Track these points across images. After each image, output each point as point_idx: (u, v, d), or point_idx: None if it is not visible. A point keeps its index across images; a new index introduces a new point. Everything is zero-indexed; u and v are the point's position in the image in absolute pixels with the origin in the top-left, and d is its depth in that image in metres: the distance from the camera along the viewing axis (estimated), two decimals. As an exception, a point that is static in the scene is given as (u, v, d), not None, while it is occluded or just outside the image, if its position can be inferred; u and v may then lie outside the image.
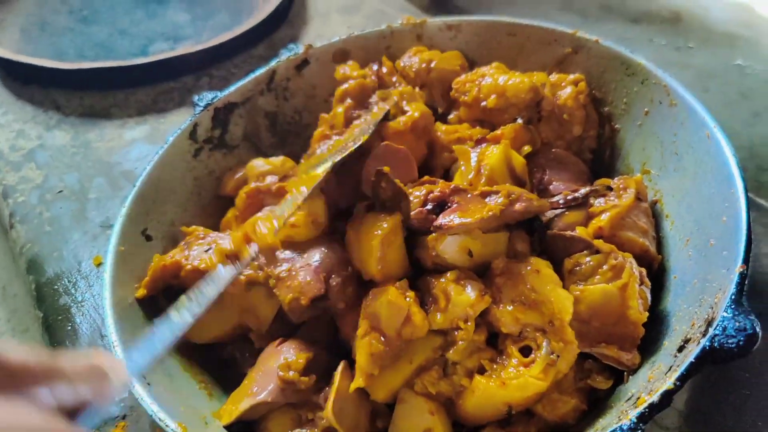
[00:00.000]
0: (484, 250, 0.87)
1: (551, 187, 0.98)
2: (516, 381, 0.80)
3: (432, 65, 1.15)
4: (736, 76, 1.53)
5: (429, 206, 0.87)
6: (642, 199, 0.95)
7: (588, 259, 0.86)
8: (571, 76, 1.08)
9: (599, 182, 0.98)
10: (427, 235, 0.87)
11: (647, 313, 0.84)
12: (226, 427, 0.87)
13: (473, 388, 0.82)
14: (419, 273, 0.90)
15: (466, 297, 0.83)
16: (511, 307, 0.82)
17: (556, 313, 0.81)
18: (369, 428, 0.87)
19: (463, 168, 0.96)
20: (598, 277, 0.84)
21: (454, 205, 0.86)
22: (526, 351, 0.83)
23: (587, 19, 1.82)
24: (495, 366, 0.83)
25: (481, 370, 0.83)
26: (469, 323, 0.82)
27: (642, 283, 0.86)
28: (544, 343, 0.81)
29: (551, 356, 0.80)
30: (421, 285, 0.88)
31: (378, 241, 0.86)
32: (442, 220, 0.85)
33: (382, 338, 0.82)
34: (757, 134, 1.37)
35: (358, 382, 0.82)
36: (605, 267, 0.85)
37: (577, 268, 0.86)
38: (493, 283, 0.85)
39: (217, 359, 0.99)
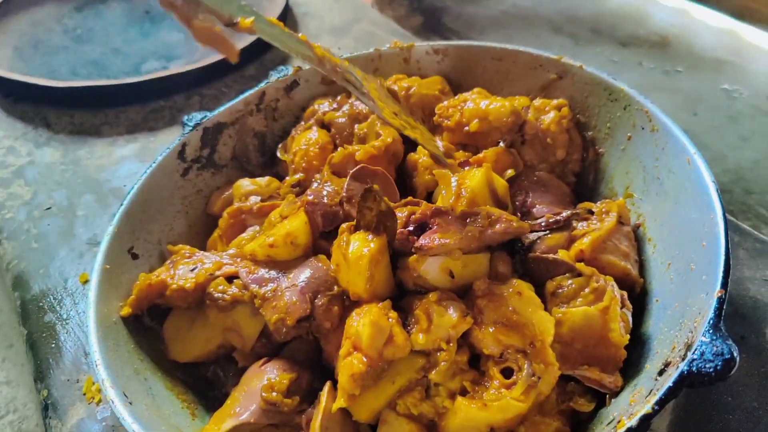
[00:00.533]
0: (465, 271, 0.87)
1: (534, 210, 0.99)
2: (497, 403, 0.80)
3: (411, 91, 1.17)
4: (723, 101, 1.55)
5: (410, 227, 0.88)
6: (624, 222, 0.96)
7: (570, 282, 0.87)
8: (555, 101, 1.09)
9: (582, 206, 0.99)
10: (408, 256, 0.88)
11: (628, 336, 0.84)
12: None
13: (455, 409, 0.82)
14: (401, 294, 0.91)
15: (448, 318, 0.83)
16: (493, 328, 0.83)
17: (538, 335, 0.81)
18: None
19: (444, 192, 0.97)
20: (579, 299, 0.85)
21: (435, 227, 0.86)
22: (507, 372, 0.83)
23: (578, 42, 1.85)
24: (477, 388, 0.83)
25: (464, 392, 0.83)
26: (451, 344, 0.82)
27: (623, 306, 0.86)
28: (526, 365, 0.81)
29: (532, 378, 0.80)
30: (404, 306, 0.88)
31: (366, 261, 0.86)
32: (423, 241, 0.85)
33: (364, 359, 0.82)
34: (744, 158, 1.39)
35: (340, 402, 0.82)
36: (587, 290, 0.85)
37: (559, 291, 0.86)
38: (475, 304, 0.85)
39: (200, 378, 0.99)
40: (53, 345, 1.09)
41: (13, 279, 1.22)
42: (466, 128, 1.07)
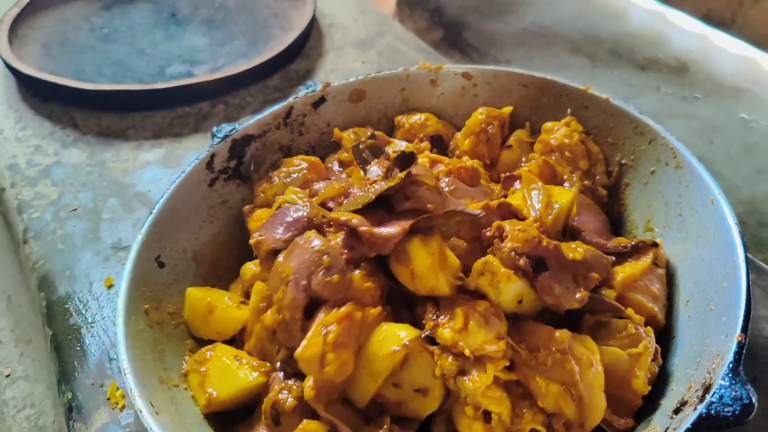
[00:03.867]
0: (534, 304, 0.87)
1: (580, 236, 0.98)
2: None
3: (428, 123, 1.24)
4: (740, 130, 1.55)
5: (527, 254, 0.85)
6: (659, 264, 0.96)
7: (609, 321, 0.87)
8: (562, 120, 1.14)
9: (618, 240, 1.00)
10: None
11: (650, 387, 0.85)
12: None
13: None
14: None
15: (482, 333, 0.81)
16: (559, 389, 0.81)
17: (590, 417, 0.81)
18: None
19: (531, 196, 0.96)
20: (613, 340, 0.86)
21: (550, 270, 0.84)
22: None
23: (596, 63, 1.85)
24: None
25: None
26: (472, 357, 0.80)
27: (654, 359, 0.87)
28: None
29: None
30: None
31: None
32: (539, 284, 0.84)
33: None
34: (759, 190, 1.40)
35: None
36: (623, 333, 0.86)
37: (597, 328, 0.87)
38: (550, 353, 0.82)
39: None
40: (78, 348, 1.11)
41: (39, 279, 1.24)
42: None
